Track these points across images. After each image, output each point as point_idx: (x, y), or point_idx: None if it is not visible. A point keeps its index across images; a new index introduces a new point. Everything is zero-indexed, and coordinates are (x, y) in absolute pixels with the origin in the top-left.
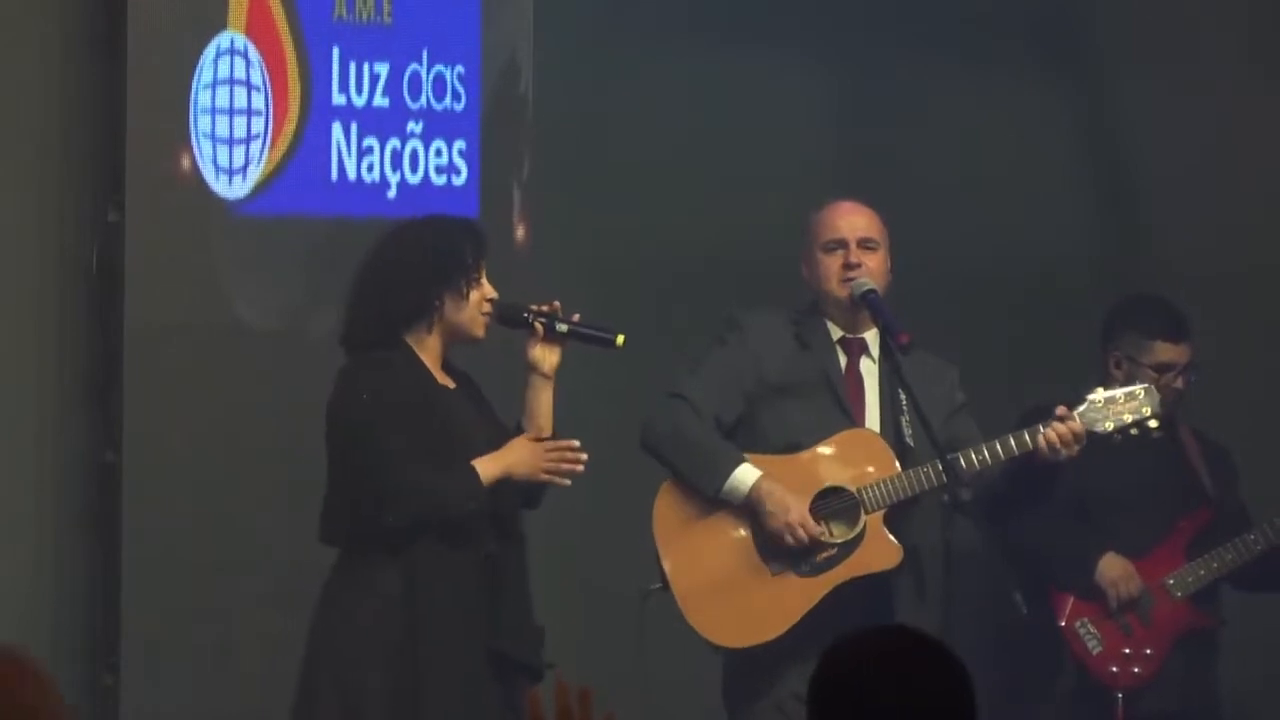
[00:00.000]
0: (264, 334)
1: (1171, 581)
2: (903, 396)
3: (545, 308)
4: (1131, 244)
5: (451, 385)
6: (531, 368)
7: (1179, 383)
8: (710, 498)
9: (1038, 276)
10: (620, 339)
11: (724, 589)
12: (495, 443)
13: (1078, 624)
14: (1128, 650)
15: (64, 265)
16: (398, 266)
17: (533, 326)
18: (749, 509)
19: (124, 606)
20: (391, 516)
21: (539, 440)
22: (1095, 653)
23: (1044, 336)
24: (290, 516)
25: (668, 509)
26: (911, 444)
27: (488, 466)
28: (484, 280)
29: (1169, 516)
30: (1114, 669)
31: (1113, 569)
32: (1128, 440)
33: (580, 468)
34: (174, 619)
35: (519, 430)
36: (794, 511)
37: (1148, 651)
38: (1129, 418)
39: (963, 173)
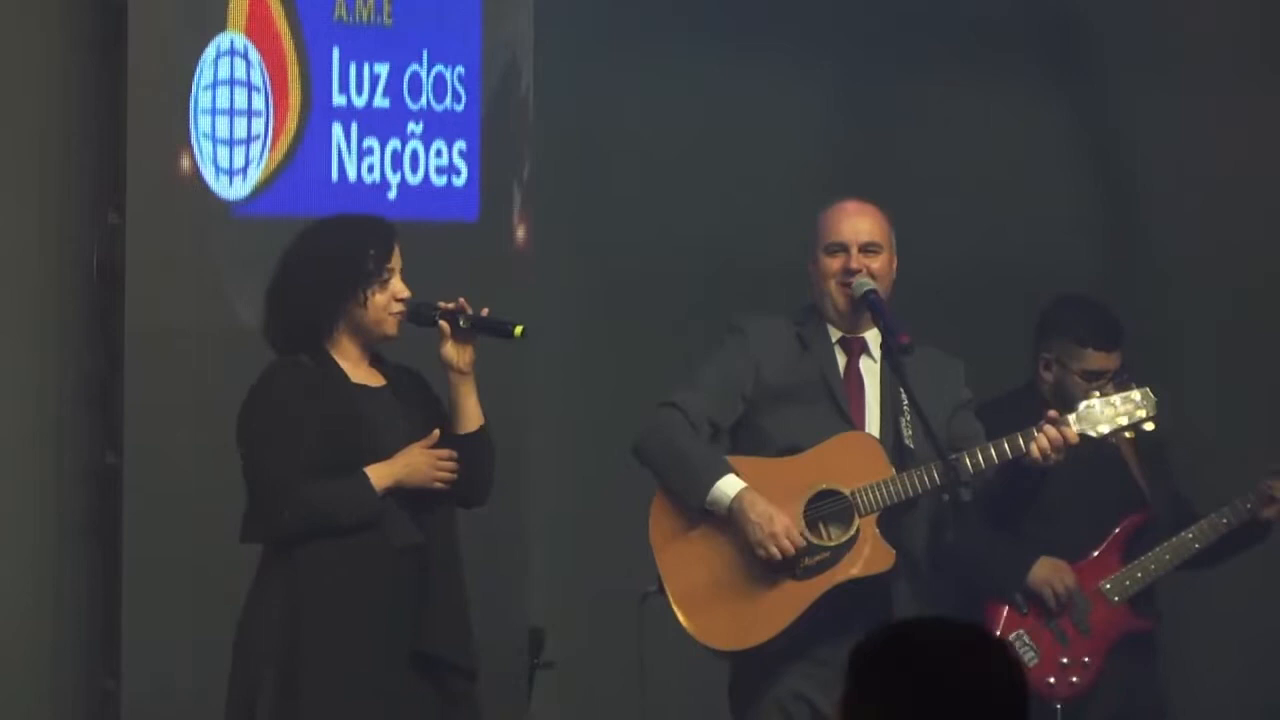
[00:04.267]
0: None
1: (1108, 586)
2: (903, 397)
3: (450, 305)
4: (1131, 246)
5: (379, 383)
6: (447, 366)
7: (1109, 388)
8: (696, 509)
9: (1038, 279)
10: (519, 330)
11: (717, 593)
12: (419, 439)
13: (1012, 636)
14: (1065, 660)
15: (64, 267)
16: (297, 276)
17: (439, 325)
18: (733, 520)
19: (125, 609)
20: (282, 523)
21: (434, 447)
22: (1032, 664)
23: None
24: None
25: (662, 514)
26: (910, 445)
27: (380, 473)
28: (394, 281)
29: (1104, 521)
30: (1051, 680)
31: (1042, 569)
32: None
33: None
34: (175, 622)
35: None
36: (776, 521)
37: (1085, 660)
38: (1124, 421)
39: (963, 175)
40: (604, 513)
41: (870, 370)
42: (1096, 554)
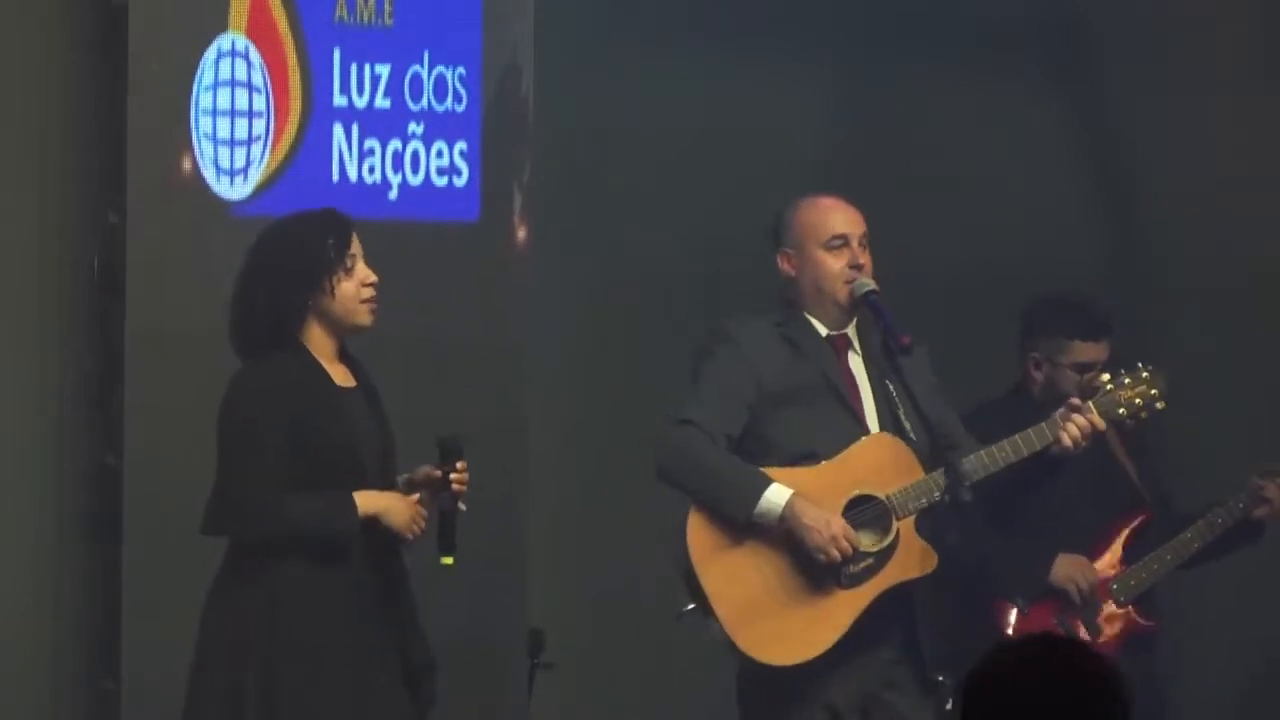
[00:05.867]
0: None
1: (1115, 587)
2: (892, 389)
3: (459, 475)
4: (1131, 246)
5: (351, 383)
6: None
7: (1099, 379)
8: (743, 523)
9: (1037, 279)
10: (448, 560)
11: (769, 609)
12: (387, 446)
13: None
14: None
15: (64, 268)
16: (259, 277)
17: (445, 478)
18: (784, 529)
19: (125, 610)
20: (260, 532)
21: (419, 503)
22: None
23: None
24: None
25: (701, 532)
26: (913, 437)
27: (365, 501)
28: (359, 266)
29: (1105, 521)
30: None
31: (1064, 566)
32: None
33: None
34: (175, 623)
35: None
36: (834, 525)
37: None
38: (1139, 401)
39: (963, 175)
40: (604, 513)
41: (858, 367)
42: (1101, 555)
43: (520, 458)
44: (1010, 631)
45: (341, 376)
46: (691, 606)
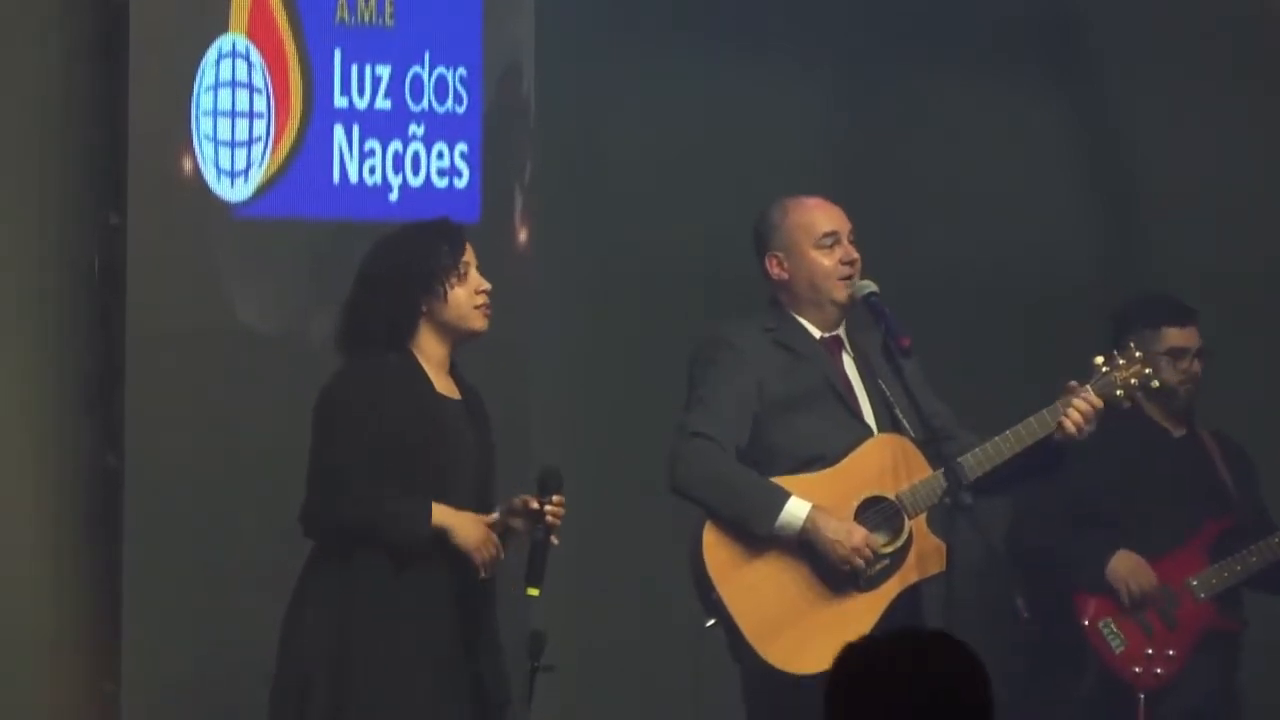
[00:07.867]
0: (265, 337)
1: (1195, 583)
2: (885, 388)
3: (553, 507)
4: (1131, 246)
5: (455, 395)
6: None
7: (1195, 366)
8: (762, 536)
9: (1037, 279)
10: (533, 592)
11: (791, 619)
12: (485, 462)
13: (1101, 624)
14: (1150, 651)
15: (65, 269)
16: (374, 281)
17: (539, 508)
18: (803, 539)
19: (125, 611)
20: (336, 523)
21: (490, 529)
22: (1118, 652)
23: (1045, 341)
24: (291, 520)
25: (717, 546)
26: (913, 435)
27: (441, 513)
28: (472, 273)
29: (1191, 518)
30: (1136, 669)
31: (1123, 565)
32: (1150, 442)
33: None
34: (175, 623)
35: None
36: (856, 536)
37: (1170, 652)
38: (1135, 381)
39: (962, 175)
40: (604, 514)
41: (850, 367)
42: (1183, 550)
43: (521, 458)
44: (1087, 622)
45: (445, 387)
46: (713, 622)
